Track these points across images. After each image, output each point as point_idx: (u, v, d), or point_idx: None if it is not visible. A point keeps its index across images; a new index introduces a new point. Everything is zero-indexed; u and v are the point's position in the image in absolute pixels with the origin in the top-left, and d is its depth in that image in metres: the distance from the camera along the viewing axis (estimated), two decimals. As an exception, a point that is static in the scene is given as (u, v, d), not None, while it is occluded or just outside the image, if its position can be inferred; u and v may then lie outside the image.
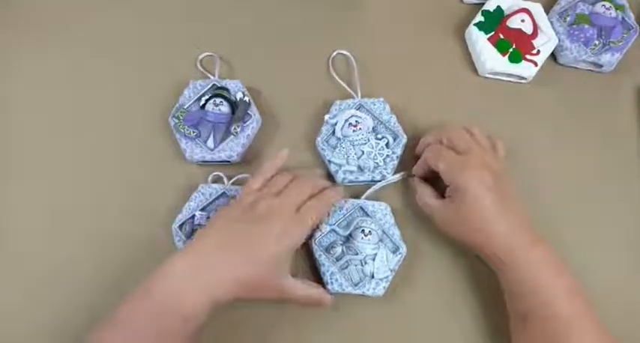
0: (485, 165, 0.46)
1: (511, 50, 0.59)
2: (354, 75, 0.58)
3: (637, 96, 0.62)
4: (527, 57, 0.59)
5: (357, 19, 0.64)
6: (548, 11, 0.63)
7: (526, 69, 0.59)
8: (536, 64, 0.59)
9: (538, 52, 0.60)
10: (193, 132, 0.53)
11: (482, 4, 0.62)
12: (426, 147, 0.51)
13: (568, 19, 0.61)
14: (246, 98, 0.55)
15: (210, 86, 0.56)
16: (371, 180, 0.53)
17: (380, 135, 0.54)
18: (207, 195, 0.52)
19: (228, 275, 0.41)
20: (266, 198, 0.45)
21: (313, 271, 0.50)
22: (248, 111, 0.54)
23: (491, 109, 0.59)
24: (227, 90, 0.56)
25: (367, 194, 0.53)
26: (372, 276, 0.48)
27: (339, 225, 0.51)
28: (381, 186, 0.54)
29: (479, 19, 0.61)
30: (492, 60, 0.59)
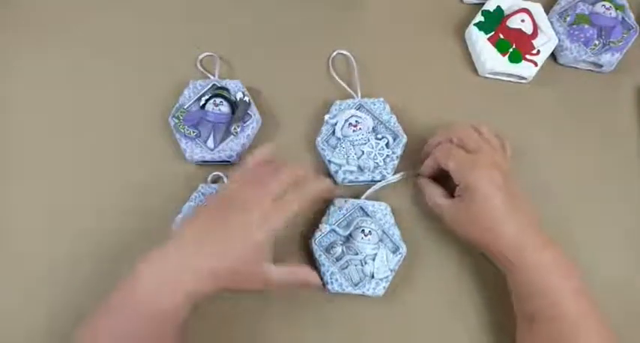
0: (495, 164, 0.46)
1: (511, 50, 0.59)
2: (354, 75, 0.58)
3: (637, 96, 0.62)
4: (527, 57, 0.59)
5: (357, 19, 0.64)
6: (548, 11, 0.63)
7: (526, 69, 0.59)
8: (536, 64, 0.59)
9: (538, 52, 0.60)
10: (193, 132, 0.53)
11: (482, 4, 0.62)
12: (436, 147, 0.51)
13: (568, 19, 0.61)
14: (246, 98, 0.55)
15: (210, 86, 0.56)
16: (371, 180, 0.53)
17: (380, 135, 0.54)
18: (207, 195, 0.51)
19: (204, 266, 0.41)
20: (244, 189, 0.44)
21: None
22: (248, 111, 0.54)
23: (492, 109, 0.59)
24: (227, 90, 0.56)
25: (367, 194, 0.53)
26: (372, 276, 0.48)
27: (339, 225, 0.50)
28: (381, 186, 0.54)
29: (479, 19, 0.61)
30: (492, 60, 0.59)
